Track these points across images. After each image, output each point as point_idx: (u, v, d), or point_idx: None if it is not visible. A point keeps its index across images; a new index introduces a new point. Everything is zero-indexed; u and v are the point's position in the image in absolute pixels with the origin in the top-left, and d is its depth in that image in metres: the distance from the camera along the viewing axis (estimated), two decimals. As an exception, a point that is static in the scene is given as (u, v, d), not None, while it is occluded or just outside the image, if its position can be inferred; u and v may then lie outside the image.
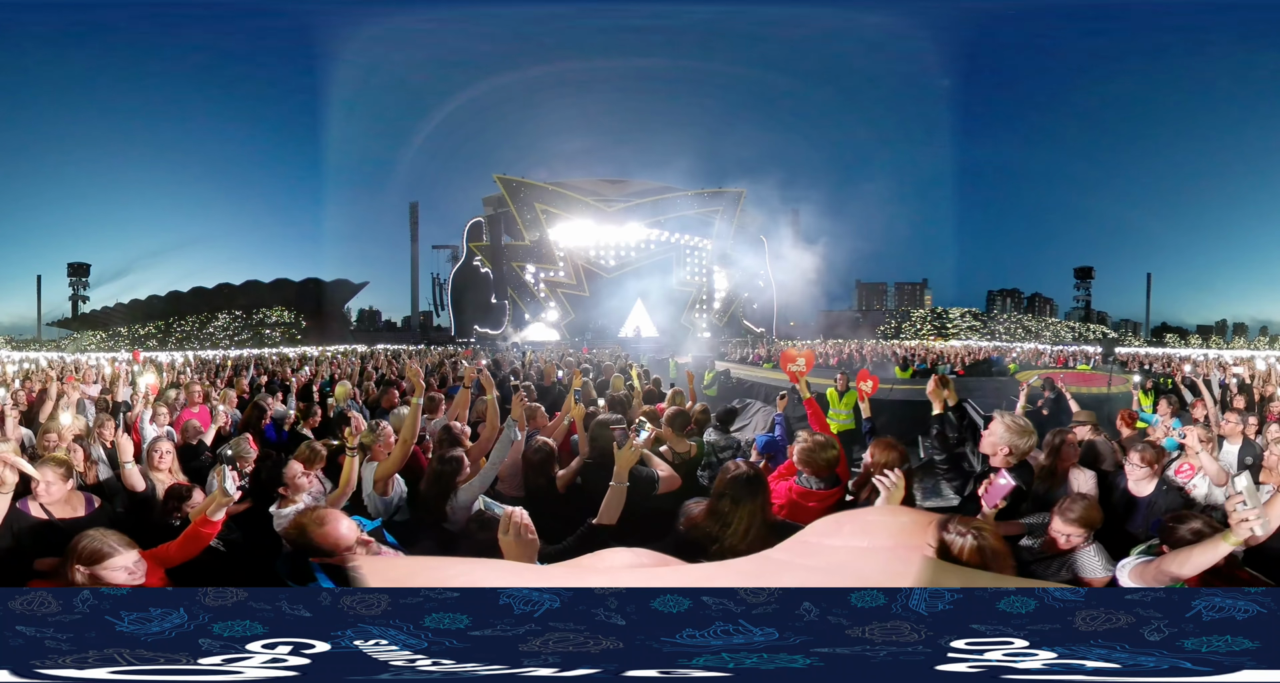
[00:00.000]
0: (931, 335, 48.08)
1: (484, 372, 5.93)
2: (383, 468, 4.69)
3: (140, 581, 3.03)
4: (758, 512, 3.29)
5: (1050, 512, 3.59)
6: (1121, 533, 4.05)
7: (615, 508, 3.50)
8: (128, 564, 2.99)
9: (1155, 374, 16.00)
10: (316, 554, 3.09)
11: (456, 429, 5.42)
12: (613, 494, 3.51)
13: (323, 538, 3.07)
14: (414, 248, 48.53)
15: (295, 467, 4.45)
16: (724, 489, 3.35)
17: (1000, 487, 3.48)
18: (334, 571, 3.04)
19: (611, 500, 3.50)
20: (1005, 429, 4.10)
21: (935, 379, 4.56)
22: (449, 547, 3.89)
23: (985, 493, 3.54)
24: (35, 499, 3.86)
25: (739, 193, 46.04)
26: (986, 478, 3.65)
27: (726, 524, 3.25)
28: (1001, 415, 4.23)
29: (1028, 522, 3.87)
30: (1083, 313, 52.28)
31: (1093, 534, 3.46)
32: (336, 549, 3.08)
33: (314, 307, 47.08)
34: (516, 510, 2.92)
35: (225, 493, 3.32)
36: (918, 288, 56.88)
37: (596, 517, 3.50)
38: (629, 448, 3.61)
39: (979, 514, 3.50)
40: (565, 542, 3.44)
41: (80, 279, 48.70)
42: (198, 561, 3.45)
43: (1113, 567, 3.23)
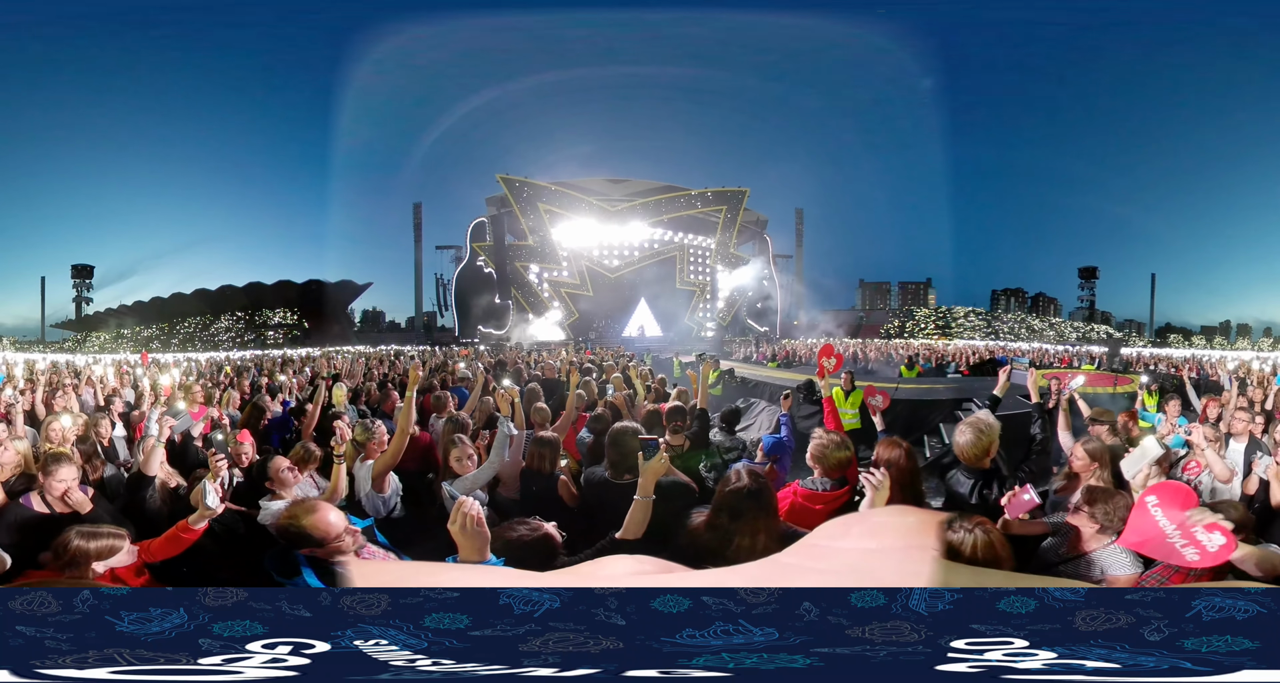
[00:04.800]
0: (936, 335, 47.97)
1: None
2: (381, 462, 4.72)
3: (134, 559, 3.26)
4: (760, 528, 3.13)
5: (1069, 509, 3.60)
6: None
7: (640, 523, 3.30)
8: (125, 546, 3.23)
9: (1161, 374, 15.96)
10: (305, 544, 3.11)
11: (462, 418, 5.48)
12: (638, 508, 3.31)
13: (312, 527, 3.10)
14: (417, 248, 48.49)
15: (280, 462, 4.50)
16: (723, 503, 3.21)
17: (1023, 502, 3.52)
18: (321, 568, 3.06)
19: (636, 514, 3.30)
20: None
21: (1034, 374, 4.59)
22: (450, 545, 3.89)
23: (1008, 505, 3.58)
24: (50, 494, 3.95)
25: (742, 192, 45.97)
26: (1011, 490, 3.66)
27: (728, 539, 3.10)
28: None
29: (1050, 521, 3.89)
30: (1087, 313, 52.17)
31: (1114, 533, 3.46)
32: (326, 539, 3.10)
33: (317, 308, 47.12)
34: (467, 501, 2.89)
35: (207, 507, 3.50)
36: (921, 287, 56.79)
37: (620, 531, 3.32)
38: (659, 460, 3.38)
39: (999, 522, 3.52)
40: (583, 554, 3.27)
41: (84, 281, 48.79)
42: (199, 556, 3.54)
43: (1140, 563, 3.29)
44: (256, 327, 46.10)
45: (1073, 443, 4.68)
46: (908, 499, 3.68)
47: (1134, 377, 12.13)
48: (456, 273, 45.92)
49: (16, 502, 3.95)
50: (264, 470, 4.46)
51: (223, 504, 3.51)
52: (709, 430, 6.13)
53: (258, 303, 47.00)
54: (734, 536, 3.11)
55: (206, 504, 3.45)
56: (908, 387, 15.89)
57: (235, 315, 46.47)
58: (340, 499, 4.40)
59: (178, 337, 45.02)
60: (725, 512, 3.18)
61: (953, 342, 41.12)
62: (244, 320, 46.35)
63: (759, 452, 5.38)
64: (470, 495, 4.17)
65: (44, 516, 3.91)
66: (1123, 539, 3.16)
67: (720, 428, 6.27)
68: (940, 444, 11.85)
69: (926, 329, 49.46)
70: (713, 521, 3.21)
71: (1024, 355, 27.34)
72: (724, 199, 46.21)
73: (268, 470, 4.44)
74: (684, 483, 4.45)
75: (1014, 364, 15.58)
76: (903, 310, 54.36)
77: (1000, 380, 5.21)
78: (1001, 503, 3.63)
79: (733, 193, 46.21)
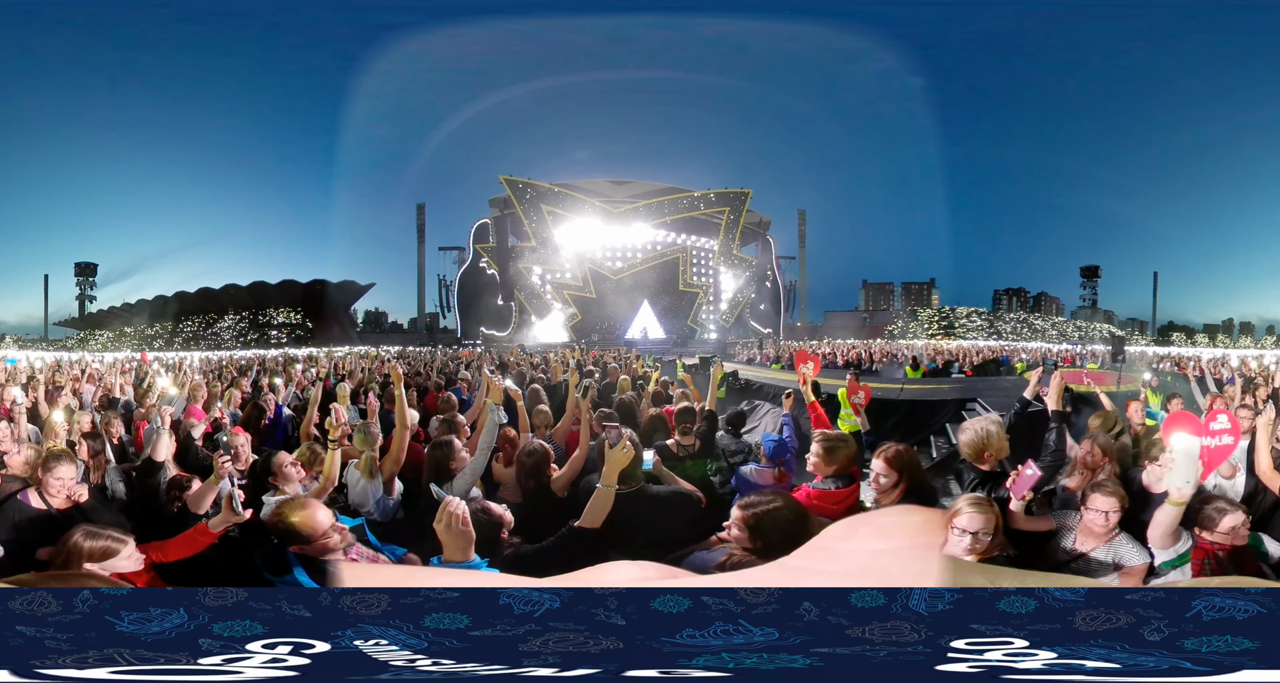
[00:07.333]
0: (939, 335, 47.87)
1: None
2: (387, 461, 4.73)
3: (139, 567, 3.21)
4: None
5: (1080, 503, 3.61)
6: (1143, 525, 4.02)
7: (600, 512, 3.41)
8: (130, 553, 3.16)
9: (1165, 373, 15.93)
10: (293, 540, 3.16)
11: (457, 420, 5.47)
12: (599, 497, 3.42)
13: (299, 524, 3.15)
14: (420, 249, 48.51)
15: (284, 457, 4.52)
16: (758, 524, 3.11)
17: (1027, 478, 3.47)
18: (312, 566, 3.11)
19: (597, 504, 3.41)
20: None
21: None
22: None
23: (1013, 485, 3.53)
24: (48, 492, 3.95)
25: (745, 193, 45.95)
26: (1014, 470, 3.63)
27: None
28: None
29: (1054, 515, 3.87)
30: (1089, 312, 52.04)
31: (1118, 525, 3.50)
32: (313, 536, 3.16)
33: (320, 308, 47.13)
34: (454, 501, 2.96)
35: (235, 512, 3.48)
36: (925, 287, 56.65)
37: (579, 519, 3.42)
38: (620, 449, 3.50)
39: (1010, 505, 3.50)
40: (545, 542, 3.41)
41: (87, 279, 48.80)
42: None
43: (1148, 552, 3.41)
44: (260, 326, 46.12)
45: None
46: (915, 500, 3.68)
47: (1137, 375, 12.11)
48: (459, 274, 45.98)
49: (15, 498, 3.97)
50: (267, 467, 4.47)
51: (248, 511, 3.53)
52: (716, 433, 6.11)
53: (261, 302, 47.02)
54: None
55: (234, 510, 3.46)
56: (913, 387, 15.89)
57: (238, 315, 46.51)
58: (334, 485, 4.43)
59: (181, 336, 45.06)
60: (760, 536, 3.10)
61: (956, 342, 41.01)
62: (247, 320, 46.38)
63: (762, 454, 5.35)
64: (470, 491, 4.21)
65: (42, 512, 3.92)
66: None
67: (726, 431, 6.24)
68: (946, 445, 11.86)
69: (930, 330, 49.36)
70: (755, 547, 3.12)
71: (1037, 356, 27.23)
72: (726, 200, 46.19)
73: (271, 466, 4.45)
74: (685, 493, 4.44)
75: (1045, 366, 15.51)
76: (906, 311, 54.25)
77: (1031, 383, 5.03)
78: (1006, 486, 3.57)
79: (735, 194, 46.18)
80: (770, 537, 3.08)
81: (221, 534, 3.58)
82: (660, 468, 4.56)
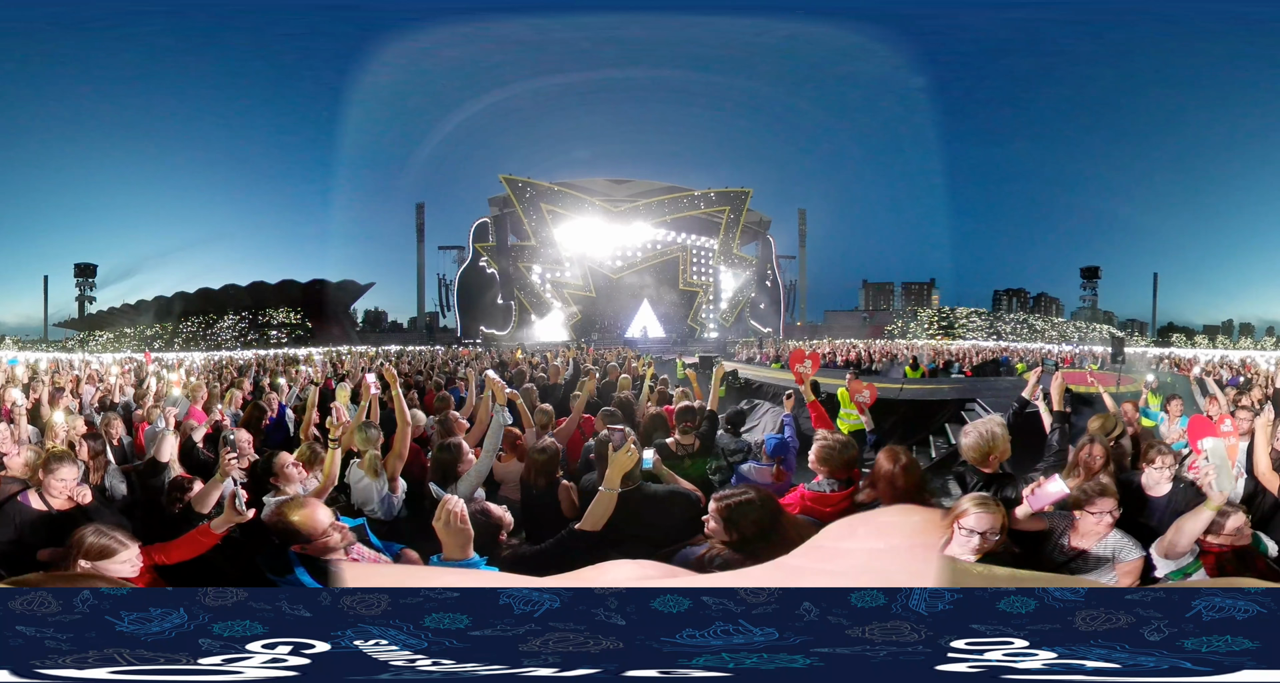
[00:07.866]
0: (939, 335, 47.85)
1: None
2: (391, 457, 4.75)
3: (134, 573, 3.17)
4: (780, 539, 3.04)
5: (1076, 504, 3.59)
6: (1140, 527, 4.02)
7: (602, 515, 3.40)
8: (130, 558, 3.13)
9: (1165, 374, 15.94)
10: (294, 539, 3.18)
11: (453, 417, 5.47)
12: (601, 500, 3.40)
13: (300, 523, 3.17)
14: (420, 249, 48.46)
15: (285, 457, 4.54)
16: (730, 516, 3.14)
17: (1051, 493, 3.33)
18: (313, 566, 3.12)
19: (598, 507, 3.40)
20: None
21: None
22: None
23: (1032, 495, 3.42)
24: (49, 493, 3.95)
25: (745, 193, 45.92)
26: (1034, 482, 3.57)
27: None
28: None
29: (1049, 516, 3.86)
30: (1089, 313, 52.03)
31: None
32: (313, 535, 3.17)
33: (320, 308, 47.10)
34: (452, 499, 2.98)
35: (238, 511, 3.47)
36: (925, 287, 56.64)
37: (580, 522, 3.41)
38: (624, 452, 3.49)
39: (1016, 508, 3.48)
40: (545, 544, 3.41)
41: (87, 280, 48.78)
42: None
43: (1142, 546, 3.43)
44: (259, 326, 46.11)
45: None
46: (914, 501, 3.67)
47: (1137, 376, 12.12)
48: (459, 273, 45.95)
49: (15, 499, 3.97)
50: (269, 467, 4.48)
51: (251, 511, 3.53)
52: (717, 433, 6.11)
53: (261, 302, 47.00)
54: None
55: (237, 510, 3.45)
56: (912, 388, 15.88)
57: (238, 315, 46.50)
58: (334, 484, 4.45)
59: (181, 336, 45.06)
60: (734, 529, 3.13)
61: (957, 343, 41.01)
62: (247, 320, 46.37)
63: (763, 454, 5.35)
64: (474, 492, 4.22)
65: (43, 513, 3.92)
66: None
67: (725, 430, 6.24)
68: (946, 445, 11.86)
69: (930, 330, 49.34)
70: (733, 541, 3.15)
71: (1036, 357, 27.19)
72: (727, 200, 46.17)
73: (272, 466, 4.46)
74: (683, 492, 4.42)
75: (1044, 367, 15.50)
76: (906, 311, 54.24)
77: (1030, 383, 5.05)
78: (1025, 494, 3.49)
79: (736, 193, 46.16)
80: (743, 529, 3.12)
81: (224, 535, 3.58)
82: (660, 467, 4.56)
